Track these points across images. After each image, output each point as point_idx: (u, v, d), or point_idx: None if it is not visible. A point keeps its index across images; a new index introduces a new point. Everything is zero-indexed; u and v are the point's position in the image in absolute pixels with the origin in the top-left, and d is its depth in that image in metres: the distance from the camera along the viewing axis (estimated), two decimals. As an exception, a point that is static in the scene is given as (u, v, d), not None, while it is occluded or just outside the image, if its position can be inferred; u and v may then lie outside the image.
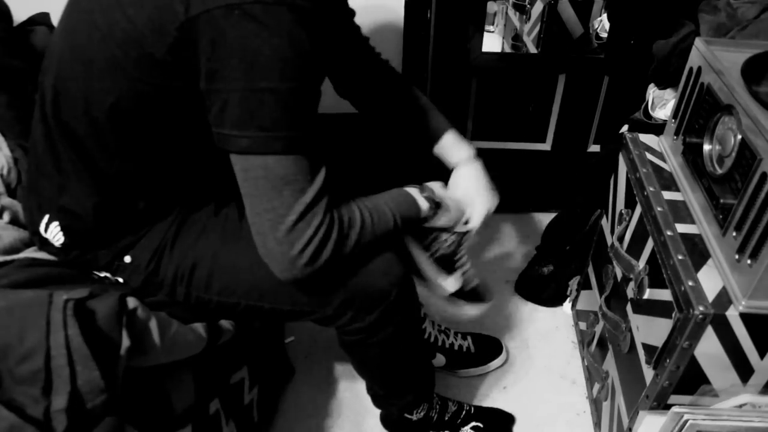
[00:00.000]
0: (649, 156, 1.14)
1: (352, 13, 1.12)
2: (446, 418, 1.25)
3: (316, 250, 0.80)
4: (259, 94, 0.73)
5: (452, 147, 1.15)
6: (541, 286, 1.58)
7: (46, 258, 0.93)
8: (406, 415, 1.19)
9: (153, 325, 0.78)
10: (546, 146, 1.73)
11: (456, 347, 1.40)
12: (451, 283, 1.11)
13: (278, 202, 0.78)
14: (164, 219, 0.92)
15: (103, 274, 0.94)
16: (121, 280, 0.94)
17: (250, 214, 0.80)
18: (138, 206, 0.90)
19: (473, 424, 1.27)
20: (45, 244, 0.94)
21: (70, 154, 0.86)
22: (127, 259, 0.92)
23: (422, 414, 1.20)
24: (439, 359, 1.38)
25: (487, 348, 1.43)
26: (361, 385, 1.30)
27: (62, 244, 0.92)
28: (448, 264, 1.11)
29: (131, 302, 0.75)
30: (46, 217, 0.92)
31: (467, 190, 1.11)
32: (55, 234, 0.92)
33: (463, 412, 1.27)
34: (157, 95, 0.79)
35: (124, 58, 0.76)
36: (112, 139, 0.84)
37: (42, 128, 0.89)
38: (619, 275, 1.15)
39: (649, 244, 1.02)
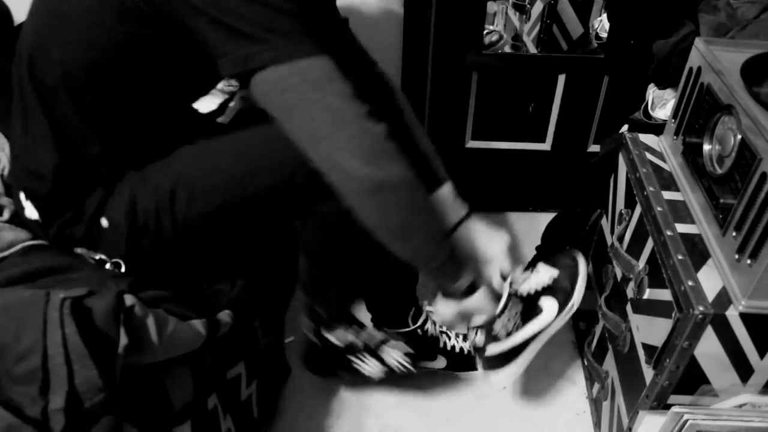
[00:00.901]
0: (649, 156, 1.14)
1: (344, 19, 1.10)
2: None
3: (386, 145, 0.76)
4: (263, 4, 0.70)
5: (449, 203, 1.10)
6: (541, 287, 1.58)
7: (41, 243, 0.93)
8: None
9: (151, 322, 0.77)
10: (546, 146, 1.73)
11: (457, 349, 1.40)
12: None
13: (328, 99, 0.73)
14: (123, 178, 0.92)
15: (97, 257, 0.95)
16: (103, 256, 0.94)
17: (303, 125, 0.74)
18: (98, 171, 0.90)
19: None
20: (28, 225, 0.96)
21: (37, 110, 0.86)
22: (104, 222, 0.91)
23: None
24: (440, 361, 1.38)
25: None
26: (361, 385, 1.30)
27: (36, 219, 0.93)
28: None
29: (128, 300, 0.75)
30: (22, 195, 0.94)
31: (478, 248, 1.07)
32: (30, 206, 0.93)
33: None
34: (129, 46, 0.78)
35: (97, 8, 0.76)
36: (82, 90, 0.83)
37: (16, 90, 0.89)
38: (619, 275, 1.15)
39: (649, 244, 1.02)
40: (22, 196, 0.94)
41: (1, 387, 0.66)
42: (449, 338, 1.39)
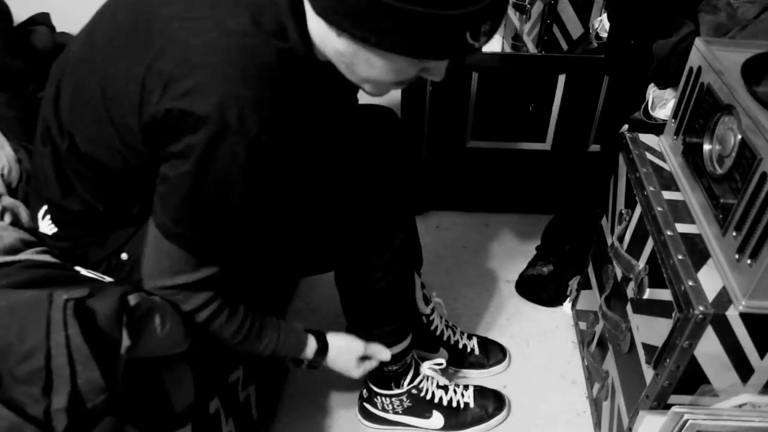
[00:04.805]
0: (649, 156, 1.14)
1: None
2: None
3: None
4: (199, 205, 0.78)
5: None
6: (541, 286, 1.58)
7: (48, 260, 0.93)
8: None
9: (156, 319, 0.78)
10: (546, 146, 1.73)
11: (460, 346, 1.40)
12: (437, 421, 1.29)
13: (155, 267, 0.85)
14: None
15: (92, 275, 0.95)
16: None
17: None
18: (132, 211, 0.92)
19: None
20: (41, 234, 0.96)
21: (70, 162, 0.88)
22: (124, 256, 0.92)
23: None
24: (443, 354, 1.39)
25: (491, 353, 1.43)
26: (360, 386, 1.30)
27: (54, 234, 0.93)
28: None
29: (132, 300, 0.75)
30: (41, 212, 0.94)
31: None
32: (48, 224, 0.94)
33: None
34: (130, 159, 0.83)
35: (107, 115, 0.80)
36: (88, 168, 0.87)
37: (44, 124, 0.91)
38: (619, 275, 1.15)
39: (649, 244, 1.02)
40: (40, 213, 0.94)
41: (4, 387, 0.66)
42: (453, 333, 1.40)
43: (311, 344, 1.07)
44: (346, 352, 1.11)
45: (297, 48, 0.76)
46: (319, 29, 0.76)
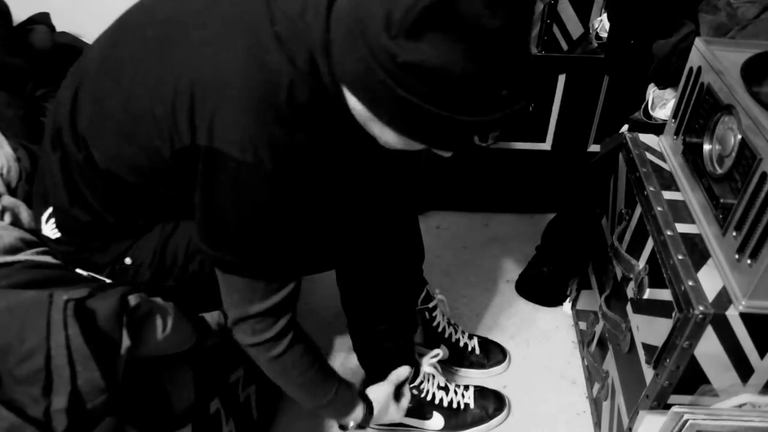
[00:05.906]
0: (649, 156, 1.14)
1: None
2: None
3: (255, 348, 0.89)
4: (236, 233, 0.78)
5: None
6: (541, 286, 1.58)
7: (48, 261, 0.93)
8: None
9: (158, 320, 0.78)
10: (546, 146, 1.73)
11: (461, 344, 1.40)
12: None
13: (229, 301, 0.86)
14: (158, 225, 0.93)
15: (92, 277, 0.95)
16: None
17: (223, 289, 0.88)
18: (138, 223, 0.91)
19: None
20: (44, 237, 0.95)
21: (83, 172, 0.87)
22: (128, 260, 0.92)
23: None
24: (444, 351, 1.39)
25: (492, 353, 1.43)
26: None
27: (57, 238, 0.93)
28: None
29: (133, 300, 0.75)
30: (45, 214, 0.93)
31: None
32: (51, 228, 0.93)
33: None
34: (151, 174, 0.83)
35: (130, 134, 0.79)
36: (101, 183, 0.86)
37: (52, 137, 0.89)
38: (619, 275, 1.15)
39: (649, 244, 1.02)
40: (44, 216, 0.94)
41: (4, 387, 0.66)
42: (455, 332, 1.40)
43: (359, 410, 1.08)
44: (385, 401, 1.14)
45: (329, 87, 0.75)
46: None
